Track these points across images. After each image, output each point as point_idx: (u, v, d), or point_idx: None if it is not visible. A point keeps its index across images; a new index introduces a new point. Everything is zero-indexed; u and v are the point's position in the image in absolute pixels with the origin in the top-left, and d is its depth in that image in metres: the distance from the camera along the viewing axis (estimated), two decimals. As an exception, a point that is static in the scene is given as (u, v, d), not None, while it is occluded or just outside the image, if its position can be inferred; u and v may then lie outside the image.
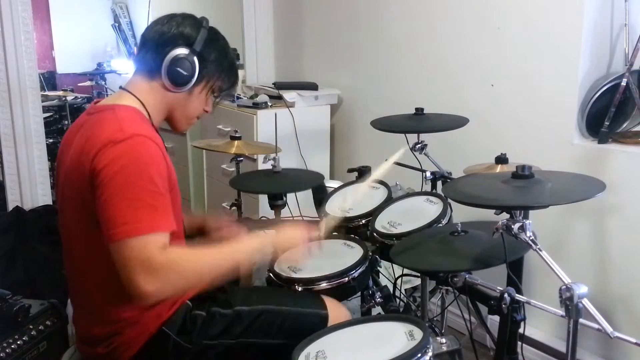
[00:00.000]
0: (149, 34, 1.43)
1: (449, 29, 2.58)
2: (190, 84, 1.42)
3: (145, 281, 1.19)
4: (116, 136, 1.26)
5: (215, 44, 1.46)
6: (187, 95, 1.45)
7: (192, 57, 1.40)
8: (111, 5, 6.39)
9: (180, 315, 1.43)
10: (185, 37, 1.41)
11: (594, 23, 2.14)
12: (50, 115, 4.49)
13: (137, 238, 1.19)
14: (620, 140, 2.14)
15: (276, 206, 2.18)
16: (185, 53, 1.39)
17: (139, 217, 1.21)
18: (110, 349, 1.39)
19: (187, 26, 1.42)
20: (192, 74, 1.41)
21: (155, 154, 1.29)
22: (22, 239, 2.64)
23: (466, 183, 1.43)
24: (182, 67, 1.39)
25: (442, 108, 2.26)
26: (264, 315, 1.48)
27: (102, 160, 1.24)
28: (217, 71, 1.47)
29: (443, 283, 1.54)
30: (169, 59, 1.39)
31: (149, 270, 1.19)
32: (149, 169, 1.25)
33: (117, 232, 1.20)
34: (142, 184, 1.23)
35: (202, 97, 1.48)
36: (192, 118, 1.52)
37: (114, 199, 1.22)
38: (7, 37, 2.63)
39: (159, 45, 1.40)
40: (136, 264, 1.19)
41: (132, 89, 1.43)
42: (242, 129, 2.64)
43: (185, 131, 1.59)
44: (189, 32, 1.41)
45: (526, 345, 2.24)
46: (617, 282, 2.13)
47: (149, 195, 1.23)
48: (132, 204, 1.21)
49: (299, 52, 3.53)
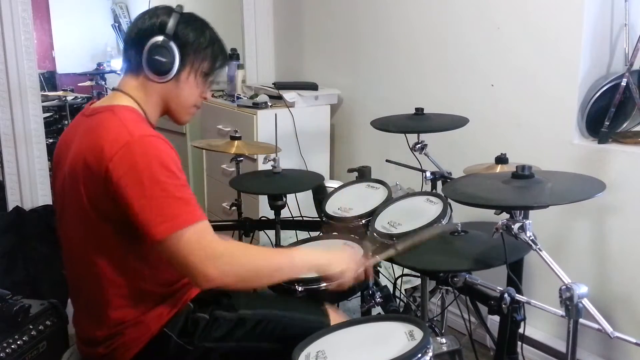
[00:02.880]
0: (129, 34, 1.44)
1: (449, 29, 2.58)
2: (172, 70, 1.40)
3: (208, 266, 1.25)
4: (127, 140, 1.26)
5: (192, 25, 1.44)
6: (175, 83, 1.43)
7: (167, 42, 1.38)
8: (111, 5, 6.39)
9: (182, 317, 1.43)
10: (158, 25, 1.40)
11: (594, 23, 2.14)
12: (50, 115, 4.49)
13: (187, 228, 1.24)
14: (620, 140, 2.14)
15: (276, 207, 2.18)
16: (160, 40, 1.38)
17: (177, 211, 1.25)
18: (111, 349, 1.39)
19: (160, 15, 1.42)
20: (171, 59, 1.39)
21: (166, 149, 1.30)
22: (22, 239, 2.64)
23: (466, 183, 1.43)
24: (160, 55, 1.38)
25: (442, 108, 2.26)
26: (266, 321, 1.47)
27: (120, 167, 1.24)
28: (199, 51, 1.44)
29: (443, 283, 1.55)
30: (146, 50, 1.39)
31: (210, 255, 1.25)
32: (169, 164, 1.27)
33: (163, 230, 1.23)
34: (167, 180, 1.25)
35: (191, 82, 1.45)
36: (189, 107, 1.49)
37: (145, 200, 1.23)
38: (7, 37, 2.62)
39: (137, 40, 1.41)
40: (196, 251, 1.24)
41: (124, 88, 1.43)
42: (242, 129, 2.63)
43: (187, 122, 1.56)
44: (162, 20, 1.41)
45: (526, 345, 2.24)
46: (617, 282, 2.13)
47: (176, 189, 1.26)
48: (165, 202, 1.24)
49: (299, 52, 3.53)
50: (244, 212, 2.49)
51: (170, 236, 1.23)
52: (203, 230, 1.27)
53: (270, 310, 1.50)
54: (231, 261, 1.30)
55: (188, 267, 1.25)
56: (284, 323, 1.48)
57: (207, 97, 1.53)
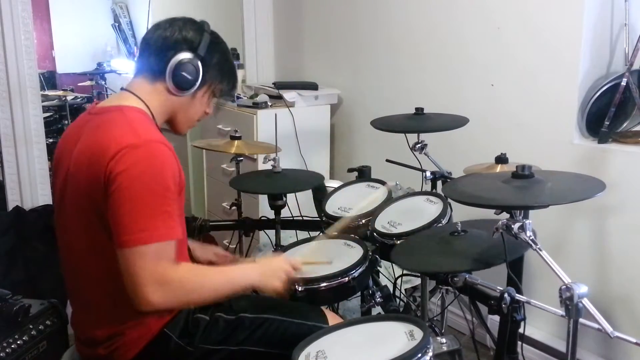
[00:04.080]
0: (152, 38, 1.43)
1: (449, 29, 2.58)
2: (194, 88, 1.44)
3: (154, 291, 1.22)
4: (133, 141, 1.27)
5: (217, 48, 1.48)
6: (190, 99, 1.47)
7: (196, 61, 1.41)
8: (111, 5, 6.39)
9: (182, 317, 1.43)
10: (188, 41, 1.42)
11: (594, 23, 2.14)
12: (50, 115, 4.49)
13: (151, 245, 1.22)
14: (620, 140, 2.14)
15: (276, 206, 2.18)
16: (190, 57, 1.41)
17: (155, 224, 1.23)
18: (111, 350, 1.39)
19: (190, 30, 1.43)
20: (196, 78, 1.42)
21: (170, 160, 1.30)
22: (22, 239, 2.64)
23: (466, 183, 1.43)
24: (187, 72, 1.41)
25: (442, 108, 2.26)
26: (266, 324, 1.48)
27: (120, 164, 1.24)
28: (219, 75, 1.49)
29: (443, 283, 1.55)
30: (173, 64, 1.39)
31: (160, 281, 1.22)
32: (165, 175, 1.27)
33: (132, 239, 1.21)
34: (159, 191, 1.25)
35: (204, 100, 1.50)
36: (193, 121, 1.54)
37: (130, 205, 1.23)
38: (7, 37, 2.63)
39: (162, 49, 1.41)
40: (148, 273, 1.22)
41: (135, 91, 1.43)
42: (242, 128, 2.63)
43: (184, 134, 1.60)
44: (192, 37, 1.42)
45: (526, 345, 2.25)
46: (617, 282, 2.13)
47: (165, 202, 1.26)
48: (149, 212, 1.23)
49: (299, 52, 3.53)
50: (244, 211, 2.49)
51: (132, 248, 1.21)
52: (166, 252, 1.24)
53: (269, 314, 1.50)
54: (175, 292, 1.26)
55: (131, 283, 1.22)
56: (283, 326, 1.48)
57: (210, 113, 1.56)
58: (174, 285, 1.26)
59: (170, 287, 1.25)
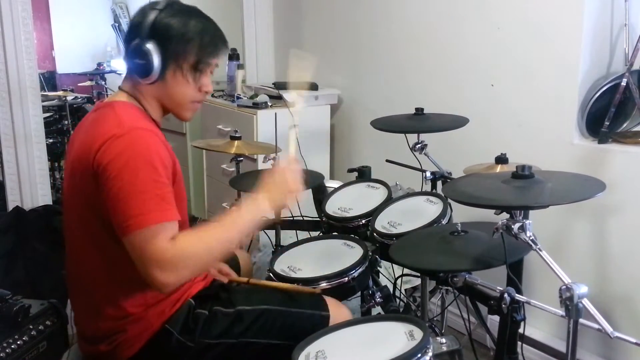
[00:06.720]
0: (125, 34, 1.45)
1: (449, 29, 2.58)
2: (154, 71, 1.36)
3: (162, 274, 1.22)
4: (116, 131, 1.28)
5: (174, 19, 1.37)
6: (162, 83, 1.39)
7: (143, 43, 1.35)
8: (111, 5, 6.39)
9: (183, 313, 1.44)
10: (134, 27, 1.39)
11: (594, 23, 2.14)
12: (50, 115, 4.48)
13: (146, 229, 1.22)
14: (620, 140, 2.14)
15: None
16: (137, 42, 1.36)
17: (148, 208, 1.23)
18: (113, 346, 1.39)
19: (137, 16, 1.40)
20: (149, 61, 1.35)
21: (155, 144, 1.30)
22: (22, 239, 2.64)
23: (466, 183, 1.43)
24: (139, 57, 1.36)
25: (442, 108, 2.26)
26: (265, 315, 1.48)
27: (106, 156, 1.25)
28: (181, 46, 1.37)
29: (443, 283, 1.54)
30: (128, 54, 1.39)
31: (162, 263, 1.22)
32: (152, 159, 1.27)
33: (129, 225, 1.22)
34: (147, 174, 1.25)
35: (179, 79, 1.40)
36: (185, 104, 1.45)
37: (122, 193, 1.23)
38: (7, 37, 2.63)
39: (126, 42, 1.41)
40: (149, 257, 1.22)
41: (124, 87, 1.45)
42: (242, 129, 2.63)
43: (190, 118, 1.51)
44: (137, 21, 1.39)
45: (526, 345, 2.24)
46: (617, 282, 2.13)
47: (155, 185, 1.25)
48: (139, 196, 1.23)
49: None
50: (244, 212, 2.49)
51: (131, 234, 1.22)
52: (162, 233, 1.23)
53: (268, 305, 1.50)
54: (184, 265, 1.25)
55: (141, 269, 1.23)
56: (282, 317, 1.48)
57: (209, 90, 1.48)
58: (177, 261, 1.23)
59: (175, 265, 1.23)
